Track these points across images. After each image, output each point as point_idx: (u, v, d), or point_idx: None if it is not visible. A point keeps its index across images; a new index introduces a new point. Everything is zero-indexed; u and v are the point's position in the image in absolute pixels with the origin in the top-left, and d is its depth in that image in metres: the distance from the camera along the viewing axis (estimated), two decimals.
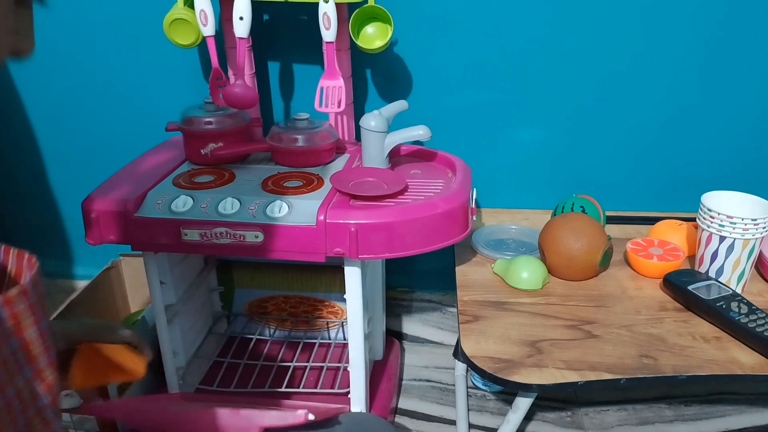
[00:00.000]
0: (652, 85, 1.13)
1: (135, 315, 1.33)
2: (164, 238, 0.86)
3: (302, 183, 0.93)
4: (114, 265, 1.33)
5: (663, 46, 1.10)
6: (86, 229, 0.88)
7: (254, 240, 0.85)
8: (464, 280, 0.98)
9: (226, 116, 0.99)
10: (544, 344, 0.82)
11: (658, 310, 0.90)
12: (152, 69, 1.20)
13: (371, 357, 1.17)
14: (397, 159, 1.07)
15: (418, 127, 0.95)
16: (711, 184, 1.01)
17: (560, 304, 0.91)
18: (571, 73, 1.13)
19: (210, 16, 0.94)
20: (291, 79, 1.19)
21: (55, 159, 1.34)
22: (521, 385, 0.76)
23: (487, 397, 1.23)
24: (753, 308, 0.84)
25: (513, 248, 1.06)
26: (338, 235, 0.83)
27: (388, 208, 0.86)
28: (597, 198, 1.07)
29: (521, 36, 1.11)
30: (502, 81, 1.15)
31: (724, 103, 1.14)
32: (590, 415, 1.18)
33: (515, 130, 1.19)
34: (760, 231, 0.87)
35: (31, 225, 1.43)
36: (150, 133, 1.12)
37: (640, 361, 0.79)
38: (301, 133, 0.99)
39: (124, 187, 0.91)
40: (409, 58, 1.15)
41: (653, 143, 1.18)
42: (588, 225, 0.94)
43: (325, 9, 0.94)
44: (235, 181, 0.95)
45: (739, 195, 0.94)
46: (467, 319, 0.88)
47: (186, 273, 1.06)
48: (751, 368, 0.77)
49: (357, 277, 0.90)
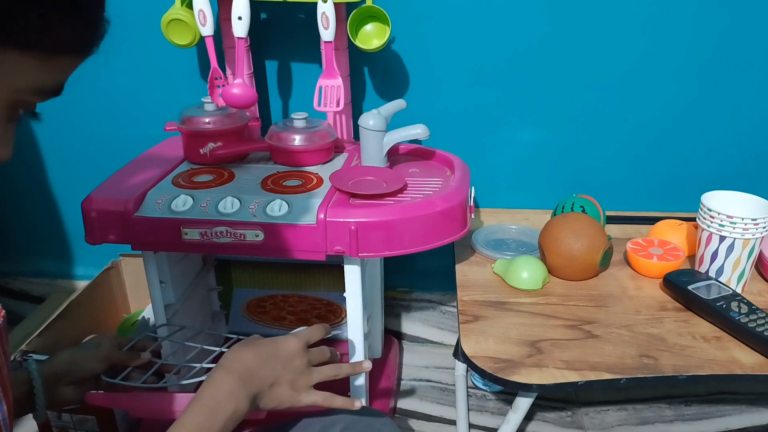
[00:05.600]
0: (652, 85, 1.13)
1: (135, 315, 1.33)
2: (164, 237, 0.86)
3: (302, 182, 0.93)
4: (114, 265, 1.33)
5: (663, 46, 1.10)
6: (86, 229, 0.88)
7: (254, 239, 0.85)
8: (464, 280, 0.98)
9: (225, 116, 0.99)
10: (544, 344, 0.82)
11: (658, 310, 0.90)
12: (151, 69, 1.20)
13: (370, 355, 1.17)
14: (396, 158, 1.07)
15: (417, 126, 0.95)
16: (711, 184, 1.01)
17: (560, 304, 0.91)
18: (571, 72, 1.13)
19: (208, 15, 0.94)
20: (289, 79, 1.19)
21: (55, 159, 1.34)
22: (521, 385, 0.76)
23: (487, 397, 1.23)
24: (753, 308, 0.84)
25: (513, 248, 1.06)
26: (338, 233, 0.83)
27: (387, 206, 0.86)
28: (597, 198, 1.07)
29: (520, 35, 1.11)
30: (501, 80, 1.15)
31: (724, 103, 1.14)
32: (590, 415, 1.18)
33: (515, 130, 1.19)
34: (760, 231, 0.87)
35: (31, 225, 1.43)
36: (149, 132, 1.12)
37: (641, 361, 0.79)
38: (299, 133, 0.99)
39: (123, 186, 0.91)
40: (407, 57, 1.15)
41: (653, 143, 1.18)
42: (588, 225, 0.94)
43: (324, 9, 0.94)
44: (235, 180, 0.94)
45: (739, 195, 0.93)
46: (467, 319, 0.88)
47: (185, 273, 1.06)
48: (751, 368, 0.77)
49: (357, 275, 0.90)
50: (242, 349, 0.64)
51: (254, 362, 0.63)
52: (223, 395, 0.60)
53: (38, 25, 0.38)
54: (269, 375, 0.63)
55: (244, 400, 0.60)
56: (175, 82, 1.20)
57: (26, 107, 0.42)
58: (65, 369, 0.72)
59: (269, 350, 0.65)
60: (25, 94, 0.41)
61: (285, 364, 0.65)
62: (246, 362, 0.63)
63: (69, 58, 0.42)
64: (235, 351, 0.64)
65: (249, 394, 0.61)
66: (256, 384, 0.62)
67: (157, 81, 1.21)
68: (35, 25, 0.38)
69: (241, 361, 0.63)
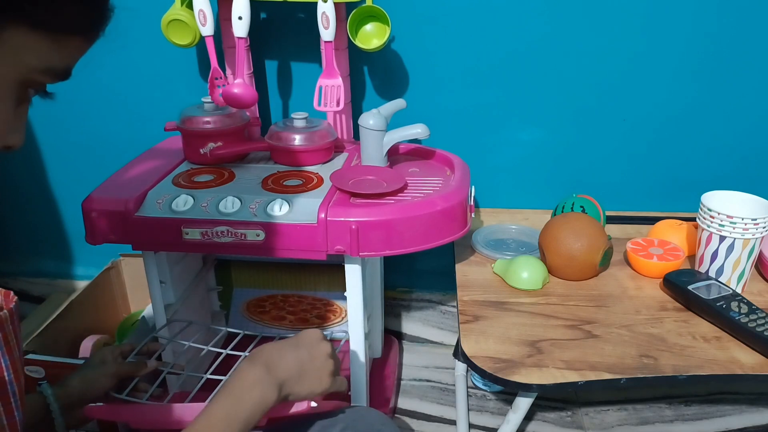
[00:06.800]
0: (651, 85, 1.13)
1: (135, 315, 1.33)
2: (165, 237, 0.86)
3: (302, 182, 0.93)
4: (114, 265, 1.33)
5: (663, 45, 1.10)
6: (86, 229, 0.88)
7: (255, 238, 0.85)
8: (464, 280, 0.98)
9: (225, 116, 0.99)
10: (544, 344, 0.82)
11: (658, 309, 0.90)
12: (151, 69, 1.20)
13: (370, 355, 1.17)
14: (396, 157, 1.07)
15: (417, 125, 0.96)
16: (711, 184, 1.01)
17: (560, 304, 0.91)
18: (571, 72, 1.13)
19: (209, 15, 0.94)
20: (289, 79, 1.19)
21: (55, 159, 1.34)
22: (521, 385, 0.76)
23: (487, 397, 1.23)
24: (753, 308, 0.84)
25: (513, 248, 1.06)
26: (339, 232, 0.83)
27: (387, 205, 0.86)
28: (597, 198, 1.07)
29: (520, 35, 1.11)
30: (501, 80, 1.15)
31: (724, 102, 1.14)
32: (590, 415, 1.18)
33: (515, 130, 1.19)
34: (760, 231, 0.87)
35: (31, 225, 1.42)
36: (149, 132, 1.12)
37: (640, 361, 0.79)
38: (299, 132, 0.99)
39: (124, 186, 0.91)
40: (407, 56, 1.15)
41: (653, 143, 1.18)
42: (588, 225, 0.94)
43: (324, 8, 0.94)
44: (235, 180, 0.95)
45: (739, 195, 0.93)
46: (467, 319, 0.88)
47: (185, 272, 1.06)
48: (751, 368, 0.77)
49: (357, 274, 0.90)
50: (265, 344, 0.66)
51: (278, 352, 0.64)
52: (248, 383, 0.60)
53: (48, 4, 0.40)
54: (295, 363, 0.64)
55: (270, 387, 0.61)
56: (175, 82, 1.20)
57: (36, 87, 0.44)
58: (79, 390, 0.74)
59: (292, 341, 0.67)
60: (35, 74, 0.42)
61: (310, 350, 0.66)
62: (270, 352, 0.64)
63: (77, 40, 0.43)
64: (259, 347, 0.66)
65: (276, 382, 0.62)
66: (283, 372, 0.63)
67: (157, 81, 1.21)
68: (45, 4, 0.40)
69: (266, 351, 0.64)
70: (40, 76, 0.42)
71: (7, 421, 0.46)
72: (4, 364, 0.45)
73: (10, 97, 0.42)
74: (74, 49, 0.44)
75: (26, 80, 0.42)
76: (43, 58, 0.41)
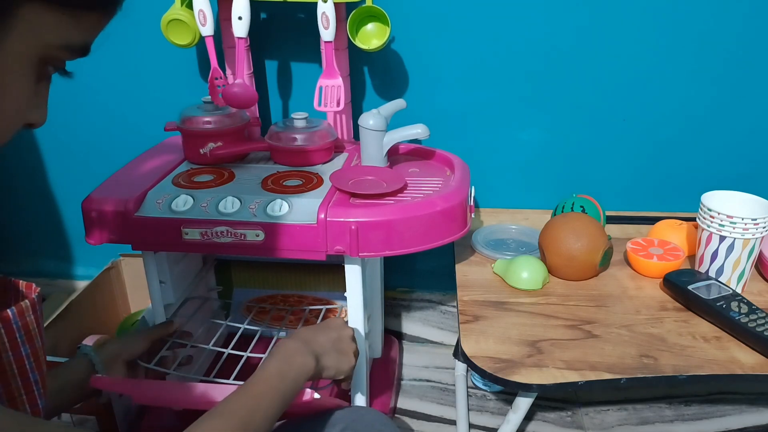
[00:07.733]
0: (652, 84, 1.13)
1: (135, 315, 1.33)
2: (165, 237, 0.86)
3: (302, 182, 0.93)
4: (114, 265, 1.33)
5: (663, 45, 1.10)
6: (86, 229, 0.88)
7: (255, 239, 0.85)
8: (464, 280, 0.98)
9: (225, 116, 0.99)
10: (544, 344, 0.82)
11: (658, 309, 0.90)
12: (151, 69, 1.20)
13: (370, 355, 1.17)
14: (396, 158, 1.07)
15: (417, 125, 0.95)
16: (711, 184, 1.01)
17: (560, 304, 0.91)
18: (571, 72, 1.13)
19: (209, 15, 0.94)
20: (289, 79, 1.19)
21: (55, 159, 1.34)
22: (521, 385, 0.76)
23: (487, 397, 1.23)
24: (753, 308, 0.84)
25: (513, 248, 1.06)
26: (339, 233, 0.83)
27: (387, 206, 0.86)
28: (597, 198, 1.07)
29: (521, 35, 1.11)
30: (501, 80, 1.15)
31: (723, 102, 1.14)
32: (590, 415, 1.18)
33: (515, 130, 1.19)
34: (760, 231, 0.87)
35: (31, 225, 1.43)
36: (149, 132, 1.12)
37: (640, 360, 0.79)
38: (299, 133, 0.99)
39: (124, 186, 0.91)
40: (407, 56, 1.15)
41: (653, 143, 1.18)
42: (588, 225, 0.94)
43: (324, 8, 0.94)
44: (235, 180, 0.94)
45: (739, 195, 0.94)
46: (467, 319, 0.88)
47: (185, 273, 1.06)
48: (751, 368, 0.77)
49: (357, 275, 0.90)
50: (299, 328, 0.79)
51: (312, 332, 0.76)
52: (291, 351, 0.70)
53: None
54: (327, 341, 0.75)
55: (310, 356, 0.71)
56: (175, 82, 1.20)
57: (55, 65, 0.43)
58: (117, 349, 0.85)
59: (321, 325, 0.79)
60: (53, 50, 0.41)
61: (339, 332, 0.78)
62: (305, 332, 0.75)
63: (95, 16, 0.42)
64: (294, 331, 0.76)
65: (313, 352, 0.71)
66: (318, 347, 0.73)
67: (157, 81, 1.21)
68: None
69: (301, 332, 0.75)
70: (58, 52, 0.42)
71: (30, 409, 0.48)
72: (25, 353, 0.47)
73: (30, 74, 0.41)
74: (92, 25, 0.43)
75: (45, 57, 0.41)
76: (61, 35, 0.41)
